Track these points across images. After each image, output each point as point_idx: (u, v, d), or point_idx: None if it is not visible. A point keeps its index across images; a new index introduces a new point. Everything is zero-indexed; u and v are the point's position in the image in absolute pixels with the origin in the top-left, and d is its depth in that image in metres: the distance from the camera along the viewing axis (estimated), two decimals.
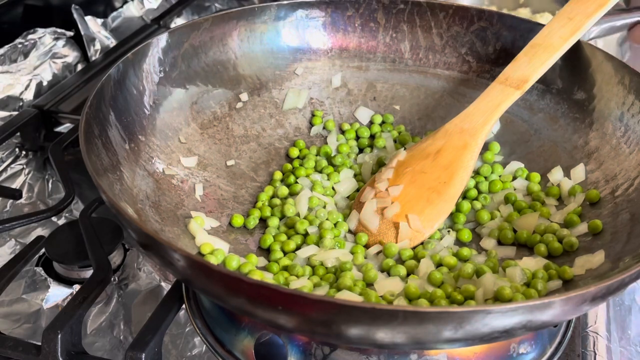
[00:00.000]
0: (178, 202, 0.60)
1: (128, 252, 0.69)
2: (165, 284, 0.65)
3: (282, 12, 0.72)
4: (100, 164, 0.52)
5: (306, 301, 0.39)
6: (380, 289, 0.52)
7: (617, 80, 0.62)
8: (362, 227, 0.60)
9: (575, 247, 0.57)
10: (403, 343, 0.43)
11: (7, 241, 0.73)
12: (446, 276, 0.53)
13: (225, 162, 0.66)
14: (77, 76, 0.93)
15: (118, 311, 0.64)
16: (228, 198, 0.64)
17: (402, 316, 0.39)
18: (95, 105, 0.55)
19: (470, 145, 0.63)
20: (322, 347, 0.48)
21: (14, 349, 0.53)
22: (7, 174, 0.80)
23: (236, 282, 0.41)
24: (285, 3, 0.72)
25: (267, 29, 0.71)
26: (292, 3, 0.72)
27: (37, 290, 0.65)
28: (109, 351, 0.61)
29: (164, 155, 0.62)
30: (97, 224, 0.65)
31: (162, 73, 0.64)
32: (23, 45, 0.91)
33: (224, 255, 0.56)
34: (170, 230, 0.56)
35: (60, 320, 0.52)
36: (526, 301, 0.39)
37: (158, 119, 0.63)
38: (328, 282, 0.55)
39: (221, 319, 0.53)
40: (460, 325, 0.39)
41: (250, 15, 0.70)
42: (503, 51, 0.71)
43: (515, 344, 0.51)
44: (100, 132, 0.55)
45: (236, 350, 0.52)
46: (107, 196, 0.46)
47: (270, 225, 0.61)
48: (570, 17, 0.66)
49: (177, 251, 0.42)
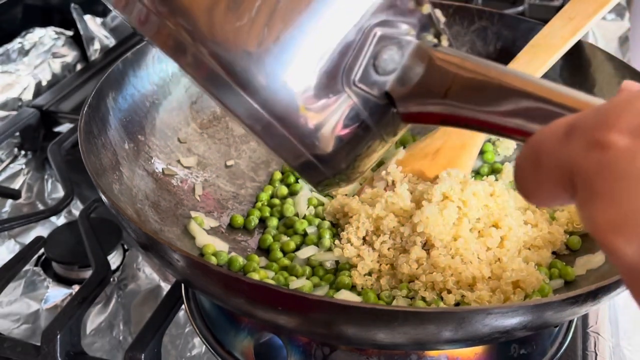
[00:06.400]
0: (177, 202, 0.59)
1: (127, 252, 0.69)
2: (164, 285, 0.65)
3: None
4: (99, 164, 0.52)
5: (306, 301, 0.39)
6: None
7: (617, 80, 0.62)
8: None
9: (577, 247, 0.57)
10: (403, 344, 0.42)
11: (6, 241, 0.72)
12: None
13: (224, 162, 0.66)
14: (76, 76, 0.93)
15: (117, 311, 0.64)
16: (228, 198, 0.63)
17: (402, 317, 0.39)
18: (94, 105, 0.55)
19: (469, 145, 0.63)
20: (322, 348, 0.48)
21: (13, 349, 0.52)
22: (7, 174, 0.80)
23: (236, 282, 0.41)
24: None
25: None
26: None
27: (36, 291, 0.65)
28: (108, 352, 0.61)
29: (163, 155, 0.61)
30: (96, 224, 0.65)
31: (161, 72, 0.64)
32: (22, 45, 0.91)
33: (226, 256, 0.56)
34: (169, 230, 0.56)
35: (60, 321, 0.52)
36: (526, 301, 0.39)
37: (157, 119, 0.63)
38: (328, 283, 0.55)
39: (221, 320, 0.53)
40: (460, 326, 0.39)
41: None
42: (504, 51, 0.71)
43: (516, 344, 0.51)
44: (99, 132, 0.55)
45: (236, 351, 0.52)
46: (106, 196, 0.46)
47: (269, 225, 0.61)
48: (570, 17, 0.66)
49: (176, 251, 0.42)
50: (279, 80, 0.36)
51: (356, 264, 0.54)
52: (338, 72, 0.37)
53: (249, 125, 0.37)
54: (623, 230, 0.25)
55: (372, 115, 0.39)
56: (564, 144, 0.28)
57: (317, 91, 0.37)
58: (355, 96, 0.38)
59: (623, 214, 0.25)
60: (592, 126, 0.27)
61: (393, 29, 0.37)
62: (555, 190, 0.29)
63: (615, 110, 0.27)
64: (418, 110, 0.39)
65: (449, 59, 0.38)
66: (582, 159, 0.27)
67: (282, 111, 0.36)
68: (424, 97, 0.38)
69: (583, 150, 0.27)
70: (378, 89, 0.38)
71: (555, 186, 0.28)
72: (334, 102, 0.37)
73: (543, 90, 0.34)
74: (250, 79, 0.36)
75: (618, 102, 0.27)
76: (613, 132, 0.26)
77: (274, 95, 0.36)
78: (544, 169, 0.29)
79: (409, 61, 0.38)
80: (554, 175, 0.28)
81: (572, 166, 0.27)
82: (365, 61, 0.37)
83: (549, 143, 0.29)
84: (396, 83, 0.38)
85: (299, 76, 0.36)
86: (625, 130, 0.26)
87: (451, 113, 0.38)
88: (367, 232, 0.56)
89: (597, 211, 0.26)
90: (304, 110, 0.37)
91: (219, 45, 0.35)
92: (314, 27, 0.36)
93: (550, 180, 0.29)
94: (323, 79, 0.36)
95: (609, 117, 0.26)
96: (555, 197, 0.29)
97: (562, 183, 0.28)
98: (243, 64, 0.35)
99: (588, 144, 0.26)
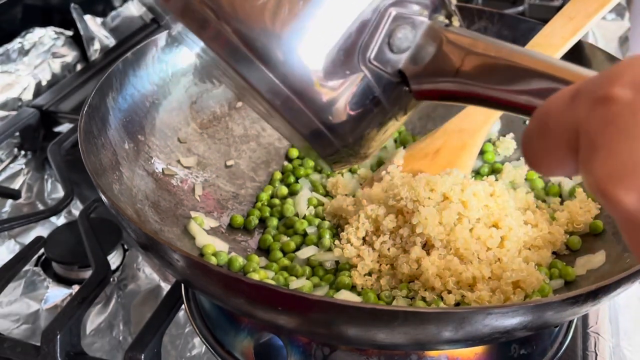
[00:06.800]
0: (177, 202, 0.59)
1: (127, 252, 0.69)
2: (164, 285, 0.65)
3: None
4: (99, 164, 0.52)
5: (306, 301, 0.39)
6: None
7: None
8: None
9: (577, 247, 0.57)
10: (403, 344, 0.42)
11: (6, 241, 0.72)
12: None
13: (224, 162, 0.66)
14: (76, 76, 0.93)
15: (117, 312, 0.64)
16: (228, 198, 0.63)
17: (402, 317, 0.38)
18: (94, 105, 0.55)
19: (469, 146, 0.63)
20: (322, 348, 0.48)
21: (13, 349, 0.52)
22: (6, 174, 0.80)
23: (236, 283, 0.41)
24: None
25: None
26: None
27: (36, 291, 0.65)
28: (108, 352, 0.61)
29: (163, 155, 0.61)
30: (96, 224, 0.65)
31: (161, 72, 0.64)
32: (22, 45, 0.91)
33: (226, 256, 0.56)
34: (169, 230, 0.56)
35: (59, 321, 0.52)
36: (526, 301, 0.39)
37: (157, 119, 0.63)
38: (328, 283, 0.55)
39: (221, 320, 0.53)
40: (460, 326, 0.39)
41: None
42: None
43: (516, 344, 0.51)
44: (99, 132, 0.55)
45: (236, 351, 0.52)
46: (106, 196, 0.46)
47: (269, 225, 0.61)
48: (571, 17, 0.66)
49: (176, 251, 0.42)
50: (296, 56, 0.38)
51: (356, 264, 0.54)
52: (355, 49, 0.38)
53: (268, 99, 0.39)
54: (623, 180, 0.25)
55: (385, 92, 0.40)
56: (570, 107, 0.28)
57: (333, 67, 0.38)
58: (370, 73, 0.39)
59: (623, 163, 0.25)
60: (596, 85, 0.27)
61: (407, 9, 0.39)
62: (562, 155, 0.29)
63: (618, 68, 0.27)
64: (430, 88, 0.40)
65: (460, 39, 0.39)
66: (587, 117, 0.27)
67: (299, 85, 0.38)
68: (436, 75, 0.40)
69: (587, 109, 0.27)
70: (392, 67, 0.40)
71: (562, 151, 0.29)
72: (350, 78, 0.39)
73: (553, 69, 0.35)
74: (270, 54, 0.37)
75: (621, 63, 0.28)
76: (616, 86, 0.26)
77: (292, 70, 0.38)
78: (551, 134, 0.29)
79: (421, 40, 0.39)
80: (561, 139, 0.29)
81: (578, 126, 0.28)
82: (381, 39, 0.39)
83: (556, 109, 0.29)
84: (409, 61, 0.40)
85: (315, 52, 0.38)
86: (628, 84, 0.26)
87: (462, 90, 0.39)
88: (367, 232, 0.56)
89: (597, 163, 0.26)
90: (319, 86, 0.39)
91: (241, 23, 0.37)
92: (332, 6, 0.38)
93: (558, 145, 0.29)
94: (340, 55, 0.38)
95: (613, 75, 0.27)
96: (562, 163, 0.29)
97: (568, 146, 0.28)
98: (263, 40, 0.37)
99: (592, 102, 0.27)
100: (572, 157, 0.28)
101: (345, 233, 0.56)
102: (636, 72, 0.26)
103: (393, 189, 0.56)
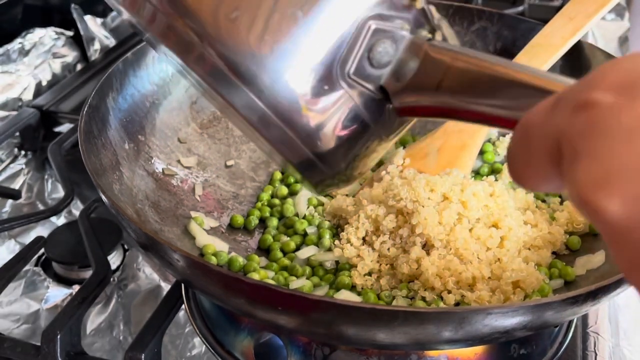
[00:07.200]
0: (177, 202, 0.59)
1: (127, 252, 0.69)
2: (164, 285, 0.65)
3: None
4: (99, 164, 0.52)
5: (306, 301, 0.39)
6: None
7: None
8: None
9: (577, 247, 0.57)
10: (403, 344, 0.42)
11: (6, 241, 0.72)
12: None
13: (225, 162, 0.66)
14: (76, 76, 0.93)
15: (117, 312, 0.64)
16: (228, 198, 0.64)
17: (402, 317, 0.39)
18: (94, 105, 0.55)
19: (469, 146, 0.63)
20: (322, 348, 0.48)
21: (13, 349, 0.52)
22: (7, 174, 0.80)
23: (236, 282, 0.41)
24: None
25: None
26: None
27: (37, 291, 0.65)
28: (108, 352, 0.61)
29: (163, 155, 0.61)
30: (96, 224, 0.65)
31: (161, 72, 0.64)
32: (22, 45, 0.91)
33: (226, 256, 0.56)
34: (169, 230, 0.56)
35: (60, 321, 0.52)
36: (526, 301, 0.39)
37: (157, 119, 0.63)
38: (328, 283, 0.55)
39: (221, 320, 0.53)
40: (460, 326, 0.39)
41: None
42: (504, 51, 0.71)
43: (516, 344, 0.51)
44: (99, 132, 0.55)
45: (236, 351, 0.52)
46: (106, 196, 0.46)
47: (269, 225, 0.61)
48: (571, 17, 0.66)
49: (176, 251, 0.42)
50: (281, 78, 0.37)
51: (356, 264, 0.54)
52: (333, 63, 0.37)
53: (256, 128, 0.38)
54: (605, 187, 0.24)
55: (369, 111, 0.39)
56: (551, 116, 0.27)
57: (317, 87, 0.37)
58: (351, 90, 0.38)
59: (605, 169, 0.24)
60: (576, 92, 0.26)
61: (387, 23, 0.38)
62: (545, 167, 0.28)
63: (598, 73, 0.26)
64: (412, 104, 0.39)
65: (442, 53, 0.38)
66: (567, 124, 0.26)
67: (287, 111, 0.37)
68: (418, 90, 0.39)
69: (568, 116, 0.26)
70: (373, 83, 0.39)
71: (545, 162, 0.28)
72: (333, 98, 0.38)
73: (536, 79, 0.34)
74: (255, 77, 0.36)
75: (601, 67, 0.27)
76: (597, 91, 0.25)
77: (279, 94, 0.37)
78: (533, 145, 0.28)
79: (403, 55, 0.39)
80: (543, 150, 0.28)
81: (559, 135, 0.26)
82: (360, 53, 0.38)
83: (537, 119, 0.28)
84: (391, 77, 0.39)
85: (300, 73, 0.37)
86: (609, 87, 0.25)
87: (444, 106, 0.38)
88: (367, 232, 0.56)
89: (579, 171, 0.25)
90: (306, 110, 0.38)
91: (226, 46, 0.36)
92: (313, 23, 0.37)
93: (540, 157, 0.28)
94: (321, 72, 0.37)
95: (593, 80, 0.26)
96: (546, 176, 0.28)
97: (551, 157, 0.27)
98: (248, 63, 0.36)
99: (573, 108, 0.26)
100: (555, 169, 0.27)
101: (345, 233, 0.56)
102: (617, 76, 0.25)
103: (393, 189, 0.56)
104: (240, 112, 0.37)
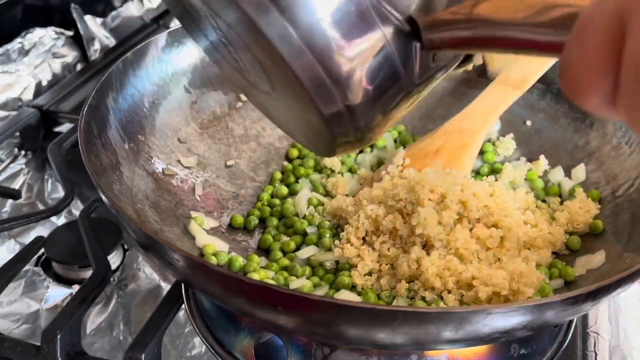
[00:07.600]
0: (177, 202, 0.59)
1: (127, 252, 0.69)
2: (164, 285, 0.65)
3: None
4: (99, 164, 0.52)
5: (306, 301, 0.39)
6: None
7: None
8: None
9: (577, 247, 0.57)
10: (403, 344, 0.42)
11: (6, 241, 0.73)
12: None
13: (225, 162, 0.66)
14: (76, 76, 0.93)
15: (117, 311, 0.64)
16: (228, 198, 0.64)
17: (402, 317, 0.38)
18: (94, 105, 0.55)
19: (469, 146, 0.63)
20: (322, 348, 0.48)
21: (13, 349, 0.52)
22: (7, 174, 0.80)
23: (236, 282, 0.41)
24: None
25: None
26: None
27: (37, 291, 0.65)
28: (108, 351, 0.61)
29: (163, 155, 0.61)
30: (96, 224, 0.65)
31: (161, 72, 0.64)
32: (22, 45, 0.91)
33: (226, 256, 0.56)
34: (169, 230, 0.56)
35: (60, 321, 0.52)
36: (526, 301, 0.39)
37: (157, 119, 0.63)
38: (328, 283, 0.55)
39: (221, 320, 0.53)
40: (460, 326, 0.39)
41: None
42: None
43: (516, 344, 0.51)
44: (99, 132, 0.55)
45: (236, 351, 0.52)
46: (106, 196, 0.46)
47: (269, 225, 0.61)
48: None
49: (176, 251, 0.42)
50: (316, 16, 0.36)
51: (356, 264, 0.54)
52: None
53: (284, 56, 0.37)
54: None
55: (397, 48, 0.38)
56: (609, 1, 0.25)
57: (347, 12, 0.37)
58: (381, 20, 0.37)
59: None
60: None
61: None
62: (605, 65, 0.26)
63: None
64: (443, 36, 0.38)
65: None
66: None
67: (318, 43, 0.37)
68: (449, 20, 0.37)
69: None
70: (402, 12, 0.38)
71: (604, 58, 0.26)
72: (364, 32, 0.37)
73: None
74: (291, 6, 0.36)
75: None
76: None
77: (311, 24, 0.36)
78: (591, 42, 0.26)
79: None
80: (602, 43, 0.26)
81: (622, 11, 0.25)
82: None
83: (593, 11, 0.26)
84: (420, 8, 0.38)
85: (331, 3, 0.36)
86: None
87: (478, 35, 0.36)
88: (367, 232, 0.56)
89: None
90: (338, 46, 0.37)
91: None
92: None
93: (599, 52, 0.26)
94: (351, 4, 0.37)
95: None
96: (605, 73, 0.26)
97: (612, 45, 0.25)
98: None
99: None
100: (616, 59, 0.25)
101: (345, 233, 0.56)
102: None
103: (393, 189, 0.56)
104: (275, 44, 0.36)
